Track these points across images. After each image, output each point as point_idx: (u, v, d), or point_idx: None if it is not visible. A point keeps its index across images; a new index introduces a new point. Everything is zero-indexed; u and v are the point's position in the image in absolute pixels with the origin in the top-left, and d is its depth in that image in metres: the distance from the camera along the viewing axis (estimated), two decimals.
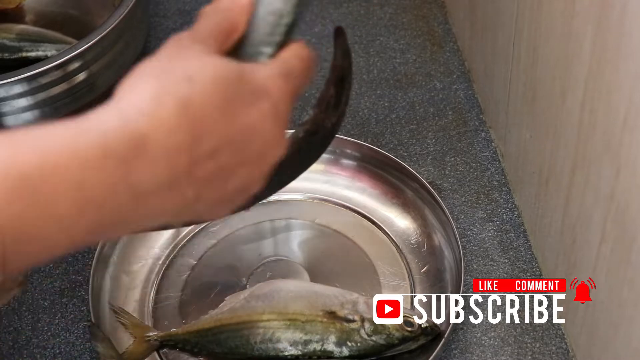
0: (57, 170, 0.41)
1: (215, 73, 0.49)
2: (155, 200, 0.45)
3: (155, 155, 0.45)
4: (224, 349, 0.86)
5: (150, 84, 0.47)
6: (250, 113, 0.50)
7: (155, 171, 0.45)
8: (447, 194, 1.01)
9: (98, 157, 0.42)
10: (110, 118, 0.44)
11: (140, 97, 0.46)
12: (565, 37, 0.74)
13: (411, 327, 0.85)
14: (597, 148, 0.71)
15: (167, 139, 0.45)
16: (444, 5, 1.23)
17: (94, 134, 0.43)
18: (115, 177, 0.43)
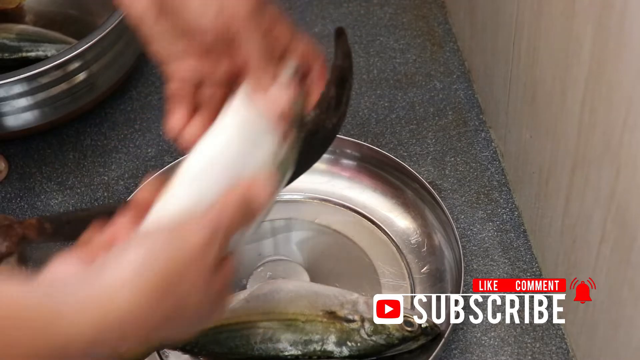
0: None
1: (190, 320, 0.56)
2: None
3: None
4: (224, 349, 0.86)
5: (140, 309, 0.52)
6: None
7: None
8: (447, 194, 1.01)
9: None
10: (85, 332, 0.50)
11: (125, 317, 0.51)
12: (565, 37, 0.74)
13: (411, 327, 0.85)
14: (597, 148, 0.71)
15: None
16: (444, 5, 1.23)
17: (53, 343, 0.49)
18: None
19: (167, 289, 0.53)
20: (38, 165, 1.07)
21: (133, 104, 1.12)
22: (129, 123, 1.10)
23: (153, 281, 0.52)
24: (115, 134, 1.09)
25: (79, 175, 1.06)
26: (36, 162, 1.07)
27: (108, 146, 1.08)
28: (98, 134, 1.09)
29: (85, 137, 1.09)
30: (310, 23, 1.21)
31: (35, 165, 1.07)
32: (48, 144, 1.08)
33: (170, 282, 0.53)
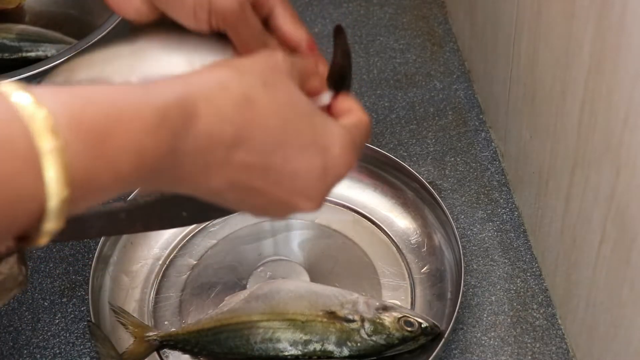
0: (123, 131, 0.43)
1: (290, 98, 0.52)
2: (191, 175, 0.49)
3: (200, 137, 0.47)
4: (224, 349, 0.86)
5: (225, 72, 0.50)
6: (300, 158, 0.52)
7: (196, 149, 0.48)
8: (447, 194, 1.01)
9: (156, 124, 0.45)
10: (176, 89, 0.47)
11: (210, 79, 0.49)
12: (565, 37, 0.74)
13: (411, 327, 0.85)
14: (597, 148, 0.71)
15: (214, 126, 0.48)
16: (444, 5, 1.23)
17: (157, 102, 0.45)
18: (165, 146, 0.46)
19: (246, 68, 0.52)
20: None
21: None
22: None
23: (230, 66, 0.52)
24: None
25: None
26: None
27: None
28: None
29: None
30: (310, 23, 1.21)
31: None
32: None
33: (248, 65, 0.52)
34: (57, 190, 0.40)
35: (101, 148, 0.42)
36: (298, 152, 0.52)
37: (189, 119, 0.47)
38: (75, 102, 0.42)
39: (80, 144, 0.41)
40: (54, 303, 0.95)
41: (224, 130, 0.48)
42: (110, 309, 0.90)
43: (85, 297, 0.94)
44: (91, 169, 0.42)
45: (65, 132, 0.40)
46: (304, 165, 0.52)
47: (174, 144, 0.46)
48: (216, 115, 0.48)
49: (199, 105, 0.47)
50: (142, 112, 0.44)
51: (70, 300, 0.95)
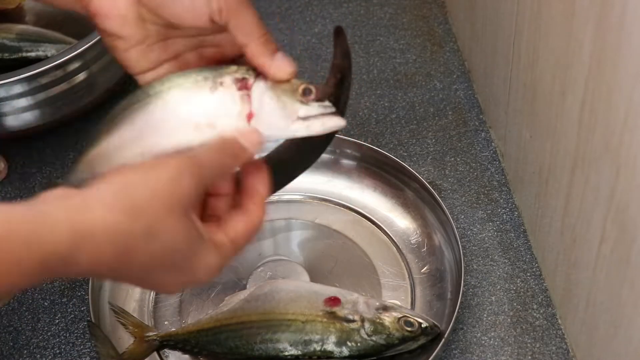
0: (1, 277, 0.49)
1: (173, 242, 0.56)
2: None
3: (77, 273, 0.56)
4: (224, 349, 0.86)
5: (117, 216, 0.54)
6: (166, 277, 0.59)
7: (72, 274, 0.55)
8: (447, 194, 1.01)
9: (35, 273, 0.50)
10: (62, 239, 0.51)
11: (98, 227, 0.53)
12: (565, 37, 0.74)
13: (411, 327, 0.85)
14: (597, 148, 0.71)
15: (92, 268, 0.54)
16: (444, 5, 1.23)
17: (38, 254, 0.50)
18: (39, 279, 0.51)
19: (141, 210, 0.55)
20: (38, 165, 1.07)
21: None
22: None
23: (127, 202, 0.54)
24: None
25: None
26: (36, 162, 1.07)
27: None
28: None
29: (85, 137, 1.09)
30: (310, 23, 1.21)
31: (35, 165, 1.07)
32: (48, 144, 1.08)
33: (144, 206, 0.55)
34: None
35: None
36: (164, 274, 0.59)
37: (68, 265, 0.52)
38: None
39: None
40: (54, 303, 0.95)
41: (99, 270, 0.55)
42: (110, 309, 0.90)
43: (85, 297, 0.94)
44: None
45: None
46: (167, 280, 0.59)
47: (48, 277, 0.52)
48: (96, 261, 0.53)
49: (81, 256, 0.52)
50: (23, 262, 0.49)
51: (70, 300, 0.95)
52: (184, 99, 0.62)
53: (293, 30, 1.20)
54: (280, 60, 0.63)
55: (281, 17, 1.22)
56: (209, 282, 0.63)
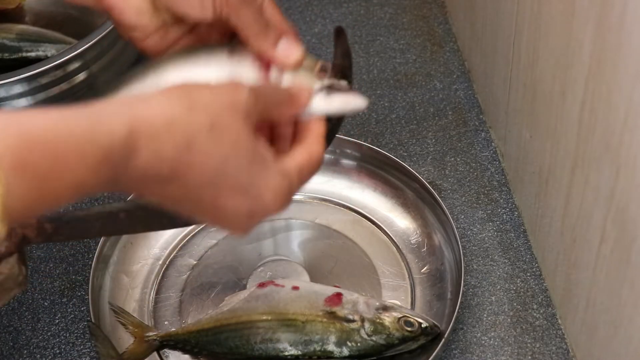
0: (66, 170, 0.46)
1: (236, 143, 0.53)
2: (126, 193, 0.56)
3: (136, 171, 0.50)
4: (224, 349, 0.86)
5: (176, 107, 0.51)
6: (229, 199, 0.55)
7: (131, 181, 0.51)
8: (447, 194, 1.01)
9: (99, 162, 0.48)
10: (122, 123, 0.49)
11: (158, 114, 0.50)
12: (565, 37, 0.74)
13: (411, 327, 0.85)
14: (597, 148, 0.71)
15: (151, 165, 0.50)
16: (444, 5, 1.23)
17: (101, 141, 0.48)
18: (105, 180, 0.49)
19: (202, 105, 0.52)
20: None
21: None
22: None
23: (187, 98, 0.52)
24: None
25: None
26: None
27: None
28: None
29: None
30: (310, 23, 1.21)
31: None
32: None
33: (205, 102, 0.53)
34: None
35: (43, 187, 0.45)
36: (228, 194, 0.54)
37: (130, 156, 0.49)
38: (21, 145, 0.45)
39: (22, 185, 0.44)
40: (54, 303, 0.95)
41: (160, 168, 0.51)
42: (110, 309, 0.90)
43: (85, 297, 0.94)
44: (31, 206, 0.45)
45: (9, 175, 0.43)
46: (231, 205, 0.55)
47: (113, 177, 0.49)
48: (155, 155, 0.50)
49: (140, 144, 0.49)
50: (86, 152, 0.47)
51: (70, 300, 0.95)
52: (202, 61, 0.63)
53: None
54: (284, 47, 0.64)
55: None
56: (278, 212, 0.58)
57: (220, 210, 0.55)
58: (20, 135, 0.45)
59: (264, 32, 0.64)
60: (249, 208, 0.56)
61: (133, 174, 0.50)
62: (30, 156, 0.45)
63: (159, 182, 0.51)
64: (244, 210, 0.56)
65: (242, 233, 0.59)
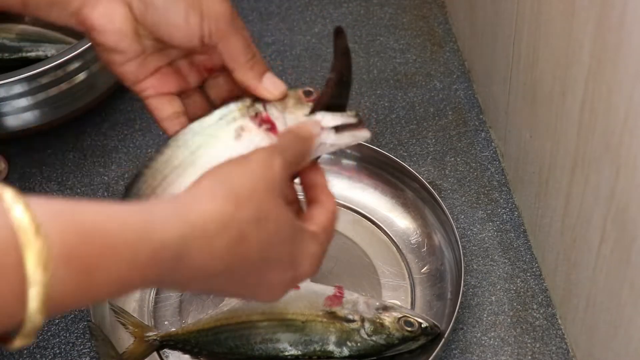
0: (113, 267, 0.46)
1: (278, 228, 0.56)
2: (168, 288, 0.56)
3: (186, 272, 0.51)
4: (224, 349, 0.86)
5: (226, 206, 0.52)
6: (274, 275, 0.57)
7: (179, 280, 0.52)
8: (447, 194, 1.01)
9: (147, 265, 0.48)
10: (173, 231, 0.49)
11: (211, 219, 0.52)
12: (565, 37, 0.74)
13: (411, 327, 0.85)
14: (597, 148, 0.71)
15: (204, 264, 0.51)
16: (444, 5, 1.23)
17: (153, 243, 0.48)
18: (151, 280, 0.49)
19: (246, 198, 0.54)
20: (38, 165, 1.07)
21: (133, 104, 1.12)
22: (129, 123, 1.10)
23: (231, 192, 0.53)
24: (115, 134, 1.09)
25: (79, 175, 1.06)
26: (36, 162, 1.07)
27: (108, 146, 1.08)
28: (98, 134, 1.09)
29: (85, 137, 1.09)
30: (310, 23, 1.21)
31: (35, 165, 1.07)
32: (48, 144, 1.08)
33: (247, 194, 0.54)
34: (34, 319, 0.43)
35: (87, 281, 0.45)
36: (272, 272, 0.57)
37: (181, 260, 0.49)
38: (73, 235, 0.44)
39: (67, 277, 0.44)
40: None
41: (213, 266, 0.52)
42: (110, 309, 0.90)
43: None
44: (71, 298, 0.45)
45: (56, 265, 0.43)
46: (276, 280, 0.58)
47: (158, 277, 0.49)
48: (210, 255, 0.51)
49: (194, 247, 0.50)
50: (136, 251, 0.47)
51: None
52: (214, 158, 0.62)
53: (293, 30, 1.20)
54: (268, 82, 0.66)
55: (281, 17, 1.22)
56: (313, 275, 0.61)
57: (264, 285, 0.58)
58: (74, 225, 0.45)
59: (251, 63, 0.65)
60: (291, 278, 0.59)
61: (183, 273, 0.51)
62: (80, 248, 0.44)
63: (208, 277, 0.53)
64: (287, 281, 0.59)
65: (277, 299, 0.61)
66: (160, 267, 0.49)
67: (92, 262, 0.45)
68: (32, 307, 0.42)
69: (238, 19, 0.65)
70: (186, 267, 0.50)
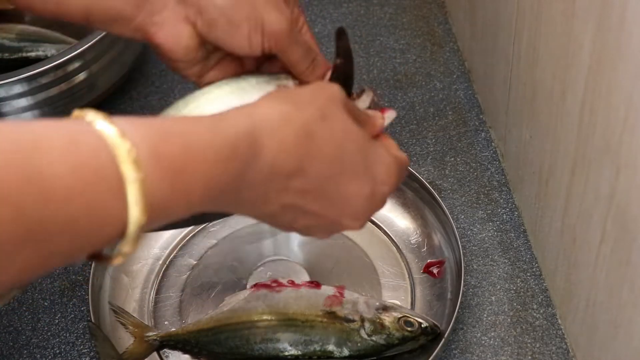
0: (197, 163, 0.47)
1: (346, 129, 0.56)
2: (250, 201, 0.54)
3: (264, 167, 0.51)
4: (224, 349, 0.86)
5: (286, 105, 0.54)
6: (352, 185, 0.57)
7: (259, 179, 0.52)
8: (447, 194, 1.01)
9: (227, 156, 0.49)
10: (243, 123, 0.51)
11: (272, 112, 0.53)
12: (565, 37, 0.74)
13: (411, 327, 0.85)
14: (597, 148, 0.71)
15: (277, 158, 0.52)
16: (444, 5, 1.23)
17: (228, 135, 0.49)
18: (234, 175, 0.50)
19: (307, 102, 0.55)
20: None
21: (133, 104, 1.12)
22: None
23: (291, 98, 0.55)
24: None
25: None
26: None
27: None
28: None
29: None
30: (310, 23, 1.21)
31: None
32: None
33: (308, 99, 0.56)
34: (137, 218, 0.43)
35: (177, 180, 0.46)
36: (350, 180, 0.57)
37: (256, 150, 0.50)
38: (154, 136, 0.45)
39: (158, 176, 0.44)
40: (54, 303, 0.95)
41: (285, 161, 0.52)
42: (110, 309, 0.90)
43: (85, 297, 0.94)
44: (166, 198, 0.45)
45: (146, 165, 0.43)
46: (354, 191, 0.57)
47: (241, 173, 0.50)
48: (279, 148, 0.52)
49: (263, 138, 0.51)
50: (214, 145, 0.48)
51: (70, 300, 0.95)
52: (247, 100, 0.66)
53: None
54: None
55: None
56: (393, 189, 0.61)
57: (343, 198, 0.57)
58: (154, 127, 0.46)
59: (312, 68, 0.68)
60: (370, 191, 0.58)
61: (261, 168, 0.51)
62: (165, 147, 0.45)
63: (285, 177, 0.53)
64: (367, 192, 0.58)
65: (362, 223, 0.61)
66: (240, 159, 0.49)
67: (177, 163, 0.46)
68: (133, 205, 0.43)
69: (296, 28, 0.68)
70: (264, 161, 0.51)
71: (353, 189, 0.57)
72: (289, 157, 0.53)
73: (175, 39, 0.66)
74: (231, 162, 0.49)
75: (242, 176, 0.50)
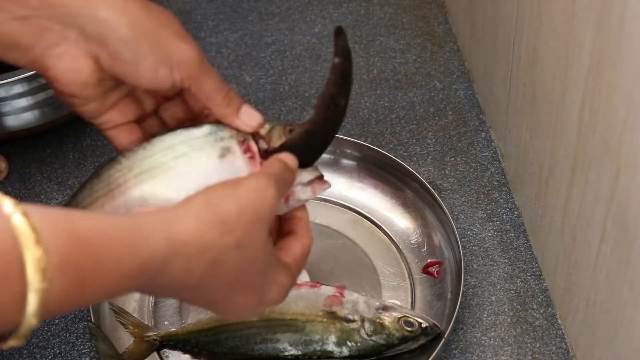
0: (102, 277, 0.49)
1: (255, 257, 0.58)
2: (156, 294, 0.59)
3: (165, 284, 0.54)
4: (224, 349, 0.86)
5: (210, 233, 0.55)
6: (241, 297, 0.59)
7: (158, 289, 0.56)
8: (447, 194, 1.01)
9: (134, 276, 0.50)
10: (161, 249, 0.52)
11: (194, 241, 0.54)
12: (565, 37, 0.74)
13: (411, 327, 0.85)
14: (597, 148, 0.71)
15: (181, 280, 0.54)
16: (444, 5, 1.23)
17: (139, 259, 0.51)
18: (136, 288, 0.52)
19: (231, 225, 0.56)
20: (38, 165, 1.07)
21: None
22: None
23: (218, 216, 0.55)
24: None
25: (79, 175, 1.06)
26: (36, 162, 1.07)
27: (108, 146, 1.08)
28: (98, 134, 1.09)
29: (85, 137, 1.09)
30: (310, 23, 1.21)
31: (35, 165, 1.07)
32: (48, 144, 1.08)
33: (233, 221, 0.56)
34: (30, 322, 0.45)
35: (80, 289, 0.47)
36: (241, 294, 0.59)
37: (162, 275, 0.52)
38: (68, 243, 0.46)
39: (62, 286, 0.46)
40: None
41: (187, 282, 0.54)
42: (110, 309, 0.90)
43: None
44: (66, 304, 0.47)
45: (52, 275, 0.45)
46: (241, 301, 0.60)
47: (142, 287, 0.53)
48: (186, 273, 0.54)
49: (175, 262, 0.53)
50: (124, 265, 0.50)
51: None
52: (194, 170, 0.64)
53: (293, 30, 1.20)
54: (245, 115, 0.67)
55: (281, 17, 1.22)
56: (278, 303, 0.64)
57: (231, 305, 0.60)
58: (71, 236, 0.47)
59: (227, 100, 0.66)
60: (258, 302, 0.61)
61: (162, 284, 0.54)
62: (76, 255, 0.47)
63: (183, 290, 0.56)
64: (253, 304, 0.61)
65: (242, 318, 0.67)
66: (145, 279, 0.51)
67: (86, 273, 0.47)
68: (30, 312, 0.45)
69: (205, 59, 0.65)
70: (166, 281, 0.53)
71: (241, 300, 0.60)
72: (191, 279, 0.54)
73: (73, 74, 0.62)
74: (135, 280, 0.51)
75: (142, 290, 0.54)
